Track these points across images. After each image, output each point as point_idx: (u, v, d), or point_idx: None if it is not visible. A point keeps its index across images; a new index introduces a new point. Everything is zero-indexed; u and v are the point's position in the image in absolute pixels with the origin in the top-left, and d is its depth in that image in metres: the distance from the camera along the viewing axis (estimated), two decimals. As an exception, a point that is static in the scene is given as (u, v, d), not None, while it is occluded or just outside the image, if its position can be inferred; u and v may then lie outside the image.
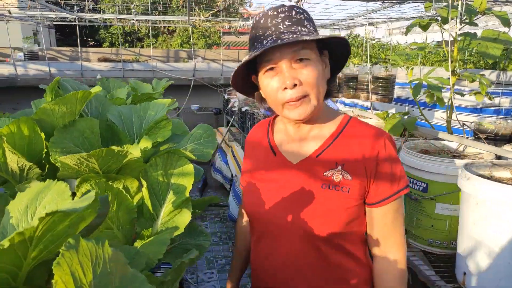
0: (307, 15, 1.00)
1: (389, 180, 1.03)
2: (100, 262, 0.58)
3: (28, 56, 6.29)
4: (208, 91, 6.30)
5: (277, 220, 1.08)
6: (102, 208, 0.79)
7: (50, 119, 1.05)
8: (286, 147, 1.13)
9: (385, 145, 1.03)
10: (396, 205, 1.05)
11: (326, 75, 1.03)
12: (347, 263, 1.09)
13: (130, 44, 17.01)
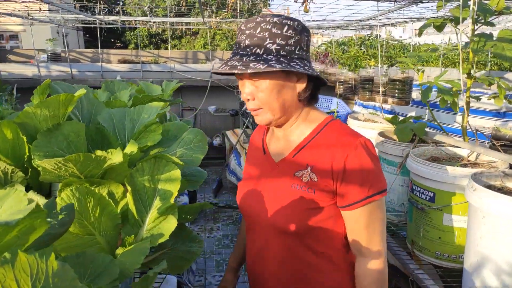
0: (277, 30, 1.01)
1: (358, 184, 1.03)
2: (41, 277, 0.54)
3: (51, 58, 6.46)
4: (225, 93, 6.29)
5: (255, 215, 1.19)
6: (66, 217, 0.77)
7: (33, 123, 1.04)
8: (272, 146, 1.22)
9: (356, 149, 1.03)
10: (369, 210, 1.05)
11: (290, 88, 1.06)
12: (319, 264, 1.12)
13: (155, 45, 17.29)
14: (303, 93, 1.09)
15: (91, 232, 1.04)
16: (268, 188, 1.17)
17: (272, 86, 1.03)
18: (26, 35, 11.98)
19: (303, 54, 1.06)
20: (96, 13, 5.88)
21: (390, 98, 3.13)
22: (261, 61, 0.99)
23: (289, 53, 1.02)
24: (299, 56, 1.04)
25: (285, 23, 1.02)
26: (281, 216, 1.10)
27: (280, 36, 1.01)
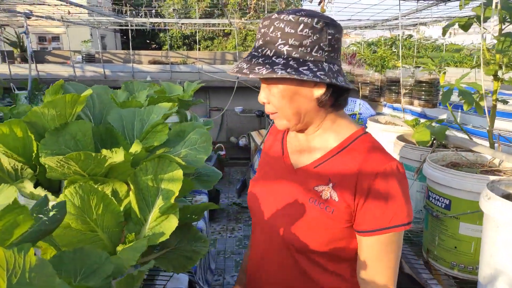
0: (291, 28, 0.90)
1: (380, 211, 0.94)
2: (18, 272, 0.56)
3: (85, 59, 6.73)
4: (251, 93, 6.31)
5: (263, 220, 1.14)
6: (57, 214, 0.80)
7: (41, 122, 1.08)
8: (293, 151, 1.15)
9: (386, 171, 0.93)
10: (386, 241, 0.96)
11: (305, 94, 0.96)
12: (328, 283, 1.04)
13: (188, 46, 17.64)
14: (323, 99, 0.97)
15: (93, 228, 1.06)
16: (282, 195, 1.10)
17: (283, 92, 0.96)
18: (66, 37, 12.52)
19: (323, 55, 0.93)
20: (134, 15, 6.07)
21: (416, 100, 3.03)
22: (267, 64, 0.90)
23: (303, 56, 0.91)
24: (315, 59, 0.92)
25: (300, 21, 0.90)
26: (295, 231, 1.02)
27: (294, 36, 0.90)
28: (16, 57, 7.21)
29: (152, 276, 1.54)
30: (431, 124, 1.89)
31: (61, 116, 1.09)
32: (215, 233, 3.97)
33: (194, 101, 2.94)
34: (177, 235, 1.38)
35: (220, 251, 3.58)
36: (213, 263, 3.12)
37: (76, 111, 1.18)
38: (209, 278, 2.87)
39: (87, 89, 1.42)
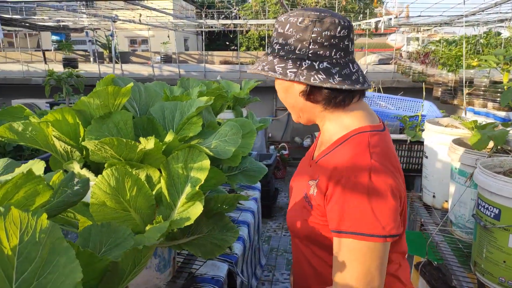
0: (281, 28, 0.98)
1: (338, 213, 0.93)
2: (29, 231, 0.66)
3: (163, 59, 7.23)
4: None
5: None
6: (80, 189, 0.90)
7: (88, 110, 1.22)
8: (317, 144, 1.21)
9: (355, 180, 0.90)
10: (349, 245, 0.91)
11: (294, 90, 1.01)
12: (320, 267, 1.09)
13: (265, 47, 17.99)
14: (307, 96, 1.00)
15: (126, 208, 1.17)
16: (296, 187, 1.20)
17: (279, 87, 1.06)
18: (154, 39, 13.52)
19: (306, 53, 0.94)
20: (215, 18, 6.39)
21: (490, 103, 2.78)
22: (263, 62, 1.01)
23: (287, 54, 0.97)
24: (297, 57, 0.95)
25: (288, 21, 0.96)
26: (292, 220, 1.13)
27: (282, 36, 0.97)
28: (105, 57, 8.00)
29: (188, 260, 1.63)
30: (492, 127, 1.73)
31: (105, 106, 1.21)
32: (271, 231, 4.02)
33: (250, 99, 3.02)
34: (209, 223, 1.46)
35: (273, 248, 3.62)
36: (264, 259, 3.17)
37: (121, 102, 1.30)
38: (258, 272, 2.92)
39: (135, 84, 1.55)
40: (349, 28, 0.97)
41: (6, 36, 13.63)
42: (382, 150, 0.97)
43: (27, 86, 7.41)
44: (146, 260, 0.89)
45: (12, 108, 1.24)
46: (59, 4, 4.34)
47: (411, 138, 2.65)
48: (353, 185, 0.90)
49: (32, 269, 0.64)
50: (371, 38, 16.47)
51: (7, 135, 1.11)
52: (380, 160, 0.94)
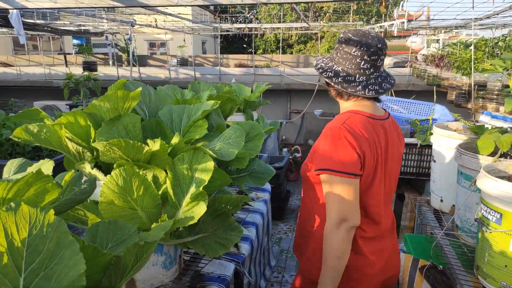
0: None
1: (315, 158, 1.40)
2: (38, 225, 0.72)
3: (180, 62, 7.35)
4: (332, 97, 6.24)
5: None
6: (87, 187, 0.96)
7: (99, 113, 1.28)
8: None
9: (324, 133, 1.38)
10: (323, 179, 1.36)
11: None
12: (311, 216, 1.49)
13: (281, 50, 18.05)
14: (330, 88, 1.50)
15: (133, 207, 1.23)
16: None
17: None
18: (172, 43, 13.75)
19: (333, 63, 1.44)
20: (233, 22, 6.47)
21: (503, 107, 2.75)
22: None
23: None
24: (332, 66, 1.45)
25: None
26: (302, 167, 1.52)
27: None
28: (123, 61, 8.18)
29: (194, 259, 1.68)
30: (499, 132, 1.72)
31: (115, 109, 1.28)
32: (281, 233, 4.04)
33: (261, 102, 3.06)
34: (214, 222, 1.50)
35: (284, 250, 3.64)
36: (273, 260, 3.20)
37: (131, 106, 1.37)
38: (267, 273, 2.95)
39: (145, 86, 1.61)
40: (363, 50, 1.35)
41: (31, 39, 14.08)
42: (355, 124, 1.35)
43: (48, 89, 7.65)
44: (148, 255, 0.94)
45: (28, 110, 1.32)
46: (80, 10, 4.52)
47: (422, 142, 2.64)
48: (324, 137, 1.37)
49: (40, 260, 0.70)
50: (389, 40, 16.29)
51: (23, 136, 1.18)
52: (349, 127, 1.33)
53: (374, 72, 1.39)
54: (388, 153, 1.44)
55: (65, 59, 8.59)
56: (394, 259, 1.57)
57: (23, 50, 12.89)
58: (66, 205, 0.89)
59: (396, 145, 1.49)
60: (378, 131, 1.40)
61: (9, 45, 13.92)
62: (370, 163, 1.35)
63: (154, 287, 1.42)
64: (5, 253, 0.66)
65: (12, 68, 8.13)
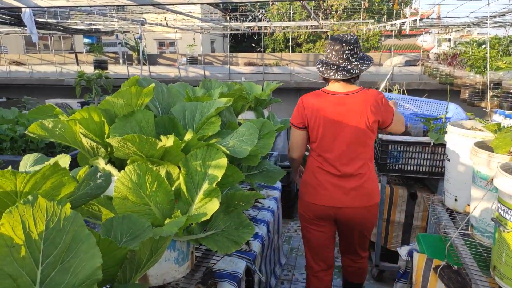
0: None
1: None
2: (54, 218, 0.72)
3: (189, 61, 7.37)
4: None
5: None
6: (103, 182, 0.96)
7: (113, 109, 1.29)
8: None
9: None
10: None
11: None
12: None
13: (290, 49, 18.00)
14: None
15: (147, 202, 1.23)
16: None
17: None
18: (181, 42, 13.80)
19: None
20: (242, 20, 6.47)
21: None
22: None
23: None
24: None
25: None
26: None
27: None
28: (134, 59, 8.23)
29: (206, 255, 1.68)
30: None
31: (128, 106, 1.28)
32: (291, 231, 4.03)
33: (272, 100, 3.05)
34: (226, 219, 1.50)
35: (294, 249, 3.63)
36: (283, 258, 3.19)
37: (144, 102, 1.37)
38: (278, 271, 2.94)
39: (158, 85, 1.62)
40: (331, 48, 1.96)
41: (42, 38, 14.24)
42: (309, 96, 2.06)
43: (60, 87, 7.73)
44: (162, 250, 0.93)
45: (43, 107, 1.33)
46: (91, 9, 4.56)
47: (435, 141, 2.60)
48: None
49: (57, 253, 0.70)
50: (400, 39, 16.15)
51: (38, 131, 1.19)
52: (304, 97, 2.07)
53: (343, 62, 1.92)
54: (336, 119, 1.95)
55: (76, 58, 8.66)
56: (337, 194, 2.04)
57: (34, 49, 13.04)
58: (82, 199, 0.89)
59: (354, 114, 1.94)
60: (327, 102, 1.97)
61: (21, 44, 14.10)
62: (311, 121, 2.01)
63: (166, 283, 1.42)
64: (23, 246, 0.66)
65: (24, 67, 8.23)
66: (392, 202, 2.97)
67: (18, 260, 0.65)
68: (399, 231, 3.02)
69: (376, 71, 6.38)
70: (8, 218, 0.66)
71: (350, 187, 2.02)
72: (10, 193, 0.74)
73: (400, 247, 2.12)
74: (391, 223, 3.02)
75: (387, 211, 2.99)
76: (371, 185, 2.06)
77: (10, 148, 2.46)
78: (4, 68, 8.26)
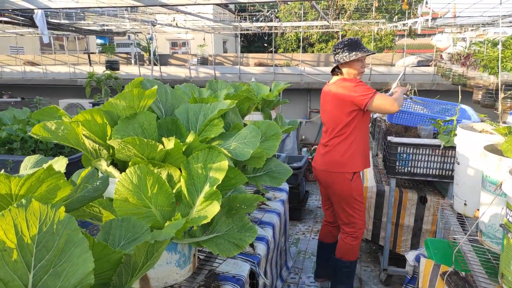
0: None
1: None
2: (48, 222, 0.72)
3: (200, 61, 7.40)
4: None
5: None
6: (100, 185, 0.96)
7: (115, 111, 1.29)
8: None
9: None
10: None
11: None
12: None
13: (303, 49, 17.93)
14: None
15: (147, 205, 1.23)
16: None
17: None
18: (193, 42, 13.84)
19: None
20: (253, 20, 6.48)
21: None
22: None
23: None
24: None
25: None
26: None
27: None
28: (145, 60, 8.30)
29: (208, 258, 1.68)
30: (528, 133, 1.64)
31: (130, 107, 1.28)
32: (299, 233, 4.00)
33: (280, 101, 3.03)
34: (228, 222, 1.49)
35: (301, 251, 3.61)
36: (290, 261, 3.17)
37: (146, 104, 1.37)
38: (284, 274, 2.92)
39: (162, 85, 1.62)
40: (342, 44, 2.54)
41: (57, 39, 14.47)
42: None
43: (73, 87, 7.84)
44: (159, 254, 0.93)
45: (47, 108, 1.34)
46: (101, 10, 4.62)
47: (445, 144, 2.55)
48: None
49: (49, 257, 0.70)
50: (414, 39, 15.92)
51: (41, 133, 1.20)
52: None
53: (335, 61, 2.58)
54: (323, 104, 2.67)
55: (89, 58, 8.78)
56: (316, 157, 2.75)
57: (50, 50, 13.26)
58: (79, 202, 0.89)
59: (328, 98, 2.58)
60: (324, 89, 2.68)
61: (36, 45, 14.35)
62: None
63: (168, 285, 1.42)
64: (15, 249, 0.66)
65: (39, 67, 8.37)
66: (401, 205, 2.93)
67: (9, 263, 0.65)
68: (408, 235, 2.97)
69: (388, 72, 6.29)
70: (0, 222, 0.66)
71: (322, 152, 2.65)
72: (6, 196, 0.74)
73: (407, 252, 2.08)
74: (400, 227, 2.97)
75: (395, 215, 2.95)
76: (334, 155, 2.55)
77: (20, 148, 2.50)
78: (19, 69, 8.42)
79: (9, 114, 3.04)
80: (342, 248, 2.69)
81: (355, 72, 2.52)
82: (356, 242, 2.65)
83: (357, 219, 2.61)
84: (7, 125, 2.76)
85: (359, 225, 2.62)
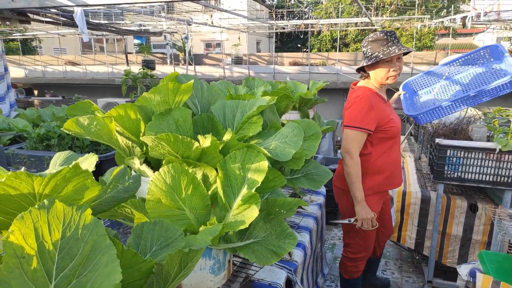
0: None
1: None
2: (72, 226, 0.64)
3: (234, 61, 7.36)
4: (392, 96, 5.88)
5: None
6: (131, 185, 0.88)
7: (150, 106, 1.21)
8: None
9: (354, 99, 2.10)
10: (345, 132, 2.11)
11: None
12: None
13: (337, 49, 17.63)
14: None
15: (181, 207, 1.14)
16: None
17: None
18: (227, 42, 13.92)
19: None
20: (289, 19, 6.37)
21: None
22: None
23: None
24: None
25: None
26: None
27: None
28: (180, 59, 8.37)
29: (244, 264, 1.58)
30: None
31: (165, 102, 1.20)
32: (335, 238, 3.84)
33: (318, 100, 2.90)
34: (266, 227, 1.38)
35: (337, 257, 3.44)
36: (326, 267, 3.02)
37: (182, 99, 1.29)
38: (320, 282, 2.78)
39: (198, 81, 1.53)
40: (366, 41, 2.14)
41: (98, 41, 14.97)
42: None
43: (111, 86, 8.03)
44: (193, 264, 0.84)
45: (81, 103, 1.29)
46: (139, 8, 4.66)
47: (502, 147, 2.33)
48: (353, 101, 2.10)
49: (73, 266, 0.62)
50: (455, 38, 15.22)
51: (74, 128, 1.14)
52: None
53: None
54: None
55: (127, 58, 8.96)
56: None
57: (90, 51, 13.72)
58: (108, 203, 0.82)
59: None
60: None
61: (78, 46, 14.91)
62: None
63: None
64: (34, 257, 0.58)
65: (79, 67, 8.64)
66: (448, 213, 2.71)
67: (28, 273, 0.58)
68: (455, 246, 2.75)
69: (417, 71, 5.99)
70: (19, 225, 0.58)
71: None
72: (28, 196, 0.67)
73: (460, 265, 1.89)
74: (446, 236, 2.76)
75: (442, 223, 2.74)
76: (339, 168, 2.40)
77: (58, 145, 2.51)
78: (60, 68, 8.72)
79: (48, 112, 3.09)
80: (341, 263, 2.59)
81: (382, 75, 2.05)
82: (352, 264, 2.43)
83: (353, 240, 2.40)
84: (46, 122, 2.80)
85: (355, 249, 2.41)
